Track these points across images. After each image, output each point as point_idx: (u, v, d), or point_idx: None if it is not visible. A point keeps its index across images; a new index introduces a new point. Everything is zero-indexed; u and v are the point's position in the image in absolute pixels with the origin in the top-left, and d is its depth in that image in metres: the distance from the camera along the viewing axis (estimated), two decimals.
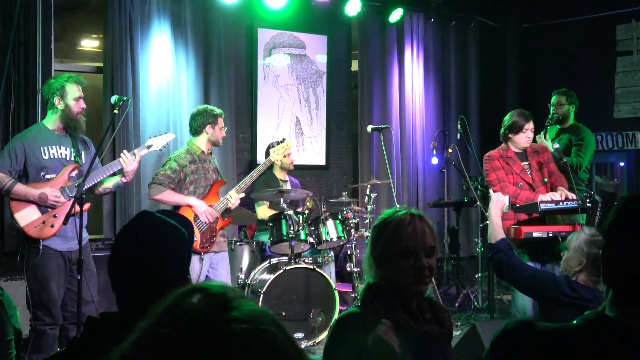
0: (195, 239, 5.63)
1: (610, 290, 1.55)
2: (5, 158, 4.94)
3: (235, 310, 1.01)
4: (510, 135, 5.91)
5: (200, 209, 5.66)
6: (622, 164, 9.24)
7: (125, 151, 5.23)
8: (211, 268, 5.85)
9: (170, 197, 5.64)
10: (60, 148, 5.07)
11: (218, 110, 5.93)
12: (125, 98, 5.22)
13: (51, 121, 5.11)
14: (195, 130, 5.84)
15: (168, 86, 7.39)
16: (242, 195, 5.86)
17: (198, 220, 5.67)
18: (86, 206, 5.13)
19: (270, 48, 8.42)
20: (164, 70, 7.37)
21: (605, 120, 9.09)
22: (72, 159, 5.11)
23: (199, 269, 5.67)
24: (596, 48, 9.32)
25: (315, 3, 8.28)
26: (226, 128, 6.06)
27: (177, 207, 5.67)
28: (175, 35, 7.45)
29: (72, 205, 4.67)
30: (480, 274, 7.95)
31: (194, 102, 7.48)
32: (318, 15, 8.59)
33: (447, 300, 7.80)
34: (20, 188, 4.89)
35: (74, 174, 5.09)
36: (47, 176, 4.98)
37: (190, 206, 5.66)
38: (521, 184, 5.81)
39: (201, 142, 5.85)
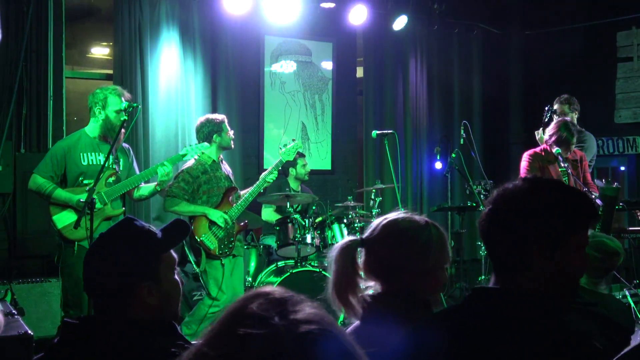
0: (213, 246, 5.75)
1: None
2: (47, 164, 5.14)
3: (295, 313, 1.07)
4: (557, 147, 6.07)
5: (215, 217, 5.76)
6: (622, 168, 9.31)
7: (165, 162, 5.37)
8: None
9: (185, 208, 5.75)
10: (99, 155, 5.23)
11: (220, 117, 5.99)
12: (134, 104, 5.31)
13: (92, 129, 5.29)
14: (204, 141, 5.90)
15: (177, 93, 7.49)
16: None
17: (215, 227, 5.77)
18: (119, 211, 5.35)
19: (277, 55, 8.52)
20: (173, 77, 7.47)
21: (606, 125, 9.17)
22: (110, 165, 5.25)
23: (220, 275, 5.75)
24: (597, 54, 9.41)
25: (320, 11, 8.39)
26: (232, 131, 6.12)
27: (192, 217, 5.79)
28: (183, 42, 7.56)
29: (83, 210, 4.78)
30: (483, 277, 8.03)
31: (202, 108, 7.58)
32: (324, 23, 8.69)
33: (451, 303, 7.88)
34: (60, 193, 5.08)
35: (111, 179, 5.24)
36: (85, 181, 5.12)
37: (205, 215, 5.77)
38: None
39: (211, 152, 5.91)
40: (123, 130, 5.28)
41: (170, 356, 1.87)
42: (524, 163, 6.25)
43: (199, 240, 5.71)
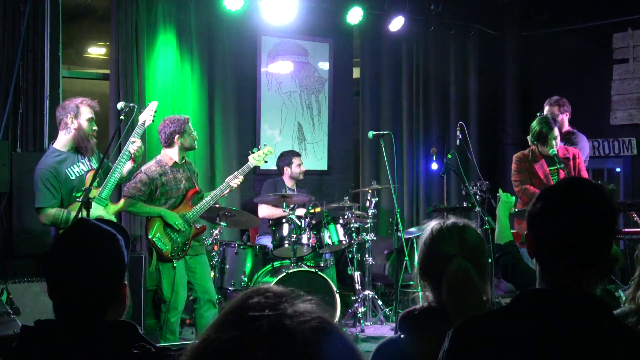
0: (166, 248, 5.72)
1: (537, 264, 1.95)
2: (45, 194, 5.09)
3: (291, 308, 1.10)
4: (537, 143, 6.11)
5: (170, 219, 5.71)
6: (618, 169, 9.34)
7: (132, 139, 5.34)
8: (190, 272, 5.90)
9: (141, 209, 5.72)
10: (79, 165, 5.24)
11: (184, 117, 5.93)
12: (131, 104, 5.33)
13: (62, 142, 5.26)
14: (166, 142, 5.84)
15: (173, 93, 7.50)
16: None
17: (169, 229, 5.73)
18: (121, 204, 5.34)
19: (274, 55, 8.54)
20: (170, 76, 7.49)
21: (601, 126, 9.20)
22: (88, 168, 5.28)
23: (172, 276, 5.72)
24: (593, 56, 9.44)
25: (317, 11, 8.40)
26: (195, 132, 6.03)
27: (148, 218, 5.77)
28: (180, 42, 7.57)
29: (79, 210, 4.79)
30: None
31: (198, 109, 7.59)
32: (320, 23, 8.71)
33: None
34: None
35: (95, 182, 5.22)
36: (78, 194, 5.06)
37: (160, 216, 5.72)
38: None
39: (173, 153, 5.85)
40: (95, 140, 5.33)
41: (132, 357, 1.86)
42: (513, 166, 6.32)
43: (151, 240, 5.69)
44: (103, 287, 1.98)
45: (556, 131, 6.12)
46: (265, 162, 6.41)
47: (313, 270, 6.48)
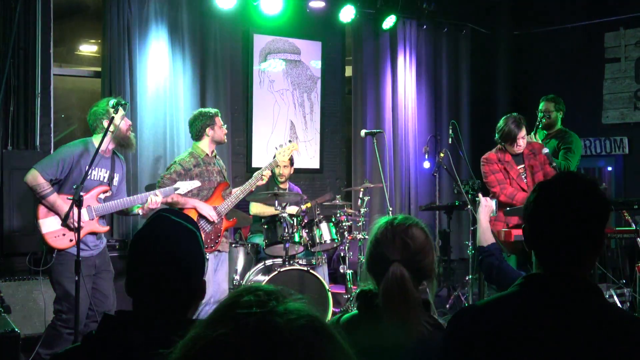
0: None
1: (535, 256, 2.01)
2: (52, 166, 5.04)
3: (281, 306, 1.09)
4: (504, 143, 6.05)
5: (204, 211, 5.81)
6: (610, 168, 9.37)
7: (157, 191, 5.37)
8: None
9: (175, 199, 5.78)
10: (101, 170, 5.22)
11: (213, 111, 6.07)
12: (123, 102, 5.31)
13: (99, 141, 5.20)
14: (196, 135, 5.97)
15: (165, 90, 7.49)
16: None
17: (203, 221, 5.82)
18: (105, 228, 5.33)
19: (266, 53, 8.53)
20: (161, 74, 7.47)
21: (593, 125, 9.23)
22: (106, 181, 5.27)
23: (205, 269, 5.74)
24: (585, 55, 9.47)
25: (310, 10, 8.39)
26: (225, 125, 6.17)
27: (181, 209, 5.79)
28: (172, 40, 7.55)
29: (71, 207, 4.77)
30: (471, 276, 8.06)
31: (190, 106, 7.57)
32: (313, 22, 8.70)
33: (439, 302, 7.91)
34: (53, 199, 5.01)
35: (103, 195, 5.23)
36: (81, 193, 4.98)
37: (195, 208, 5.80)
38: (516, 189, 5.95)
39: (204, 145, 5.98)
40: (133, 134, 5.36)
41: None
42: (484, 168, 6.19)
43: None
44: (186, 283, 1.97)
45: (524, 130, 6.05)
46: (291, 158, 6.81)
47: (305, 268, 6.47)
